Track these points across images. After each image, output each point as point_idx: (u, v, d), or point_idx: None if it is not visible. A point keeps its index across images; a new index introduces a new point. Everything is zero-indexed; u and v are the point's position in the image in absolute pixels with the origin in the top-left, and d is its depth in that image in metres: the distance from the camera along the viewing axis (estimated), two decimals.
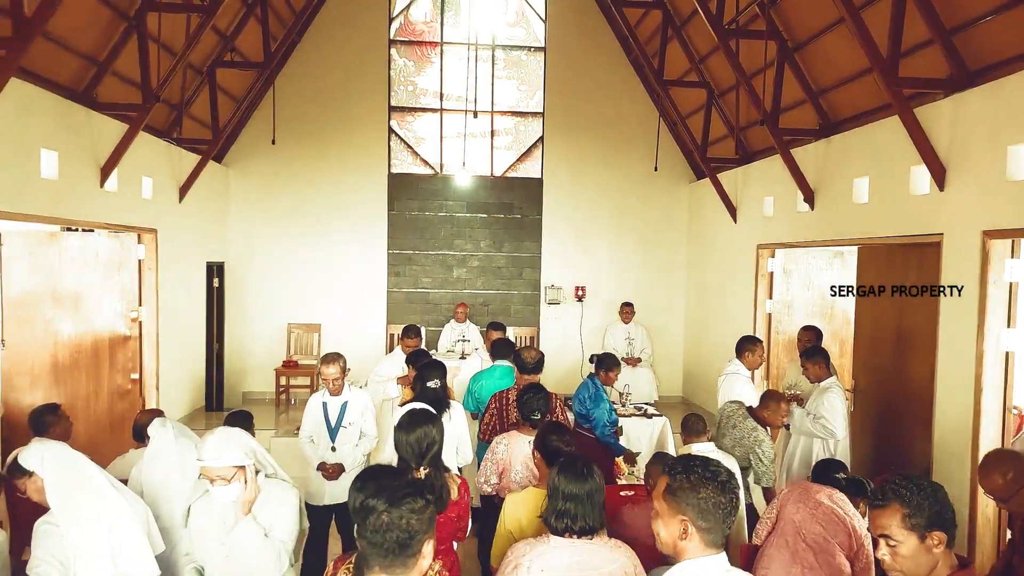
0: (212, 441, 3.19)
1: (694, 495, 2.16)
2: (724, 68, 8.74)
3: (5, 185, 5.58)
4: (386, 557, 2.04)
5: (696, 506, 2.16)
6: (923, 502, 2.25)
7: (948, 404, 5.42)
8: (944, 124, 5.45)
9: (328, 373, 5.31)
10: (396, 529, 2.04)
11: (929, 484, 2.31)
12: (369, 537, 2.05)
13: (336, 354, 5.34)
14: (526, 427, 4.54)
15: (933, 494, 2.28)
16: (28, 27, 5.07)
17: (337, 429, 5.24)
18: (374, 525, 2.04)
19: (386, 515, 2.04)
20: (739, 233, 9.30)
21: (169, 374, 8.41)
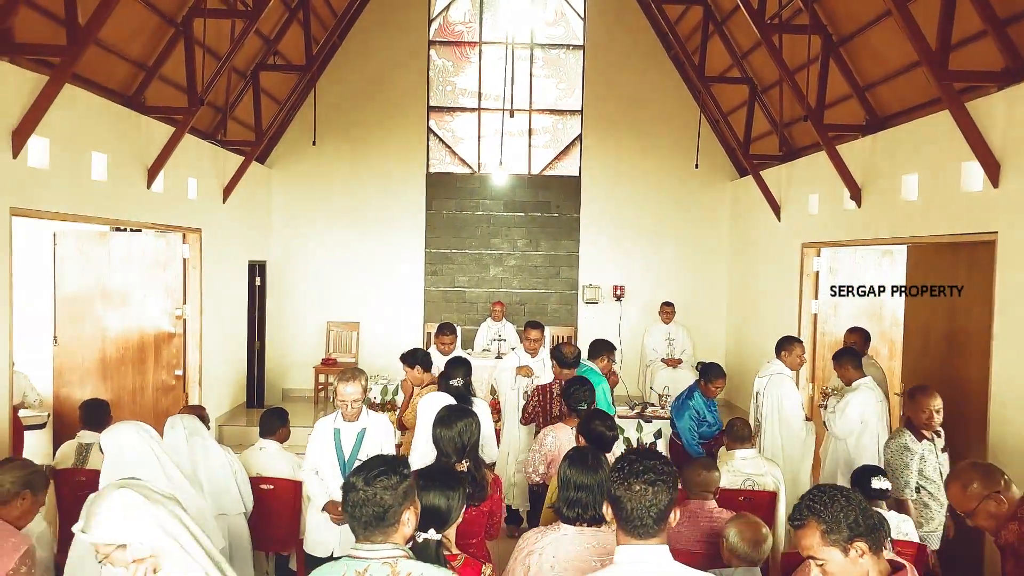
0: (105, 506, 2.34)
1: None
2: (767, 63, 8.60)
3: (59, 187, 5.73)
4: (365, 529, 2.26)
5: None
6: (838, 515, 2.16)
7: (1005, 409, 5.26)
8: (998, 118, 5.28)
9: (346, 394, 4.27)
10: (372, 504, 2.24)
11: (842, 494, 2.22)
12: (351, 511, 2.27)
13: (356, 370, 4.42)
14: (571, 418, 4.74)
15: (847, 504, 2.18)
16: (82, 35, 5.20)
17: (351, 463, 4.20)
18: (352, 501, 2.26)
19: (362, 492, 2.25)
20: (783, 231, 9.15)
21: (211, 371, 8.56)
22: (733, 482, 4.77)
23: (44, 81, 5.22)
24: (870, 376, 5.79)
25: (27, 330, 7.09)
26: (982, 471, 3.06)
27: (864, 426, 5.60)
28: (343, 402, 4.29)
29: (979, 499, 2.97)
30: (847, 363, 5.68)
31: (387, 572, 2.24)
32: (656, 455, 2.47)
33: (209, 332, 8.38)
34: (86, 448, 5.02)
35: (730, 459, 4.91)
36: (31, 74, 5.26)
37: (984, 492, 2.97)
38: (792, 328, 8.50)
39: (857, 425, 5.56)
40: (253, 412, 9.64)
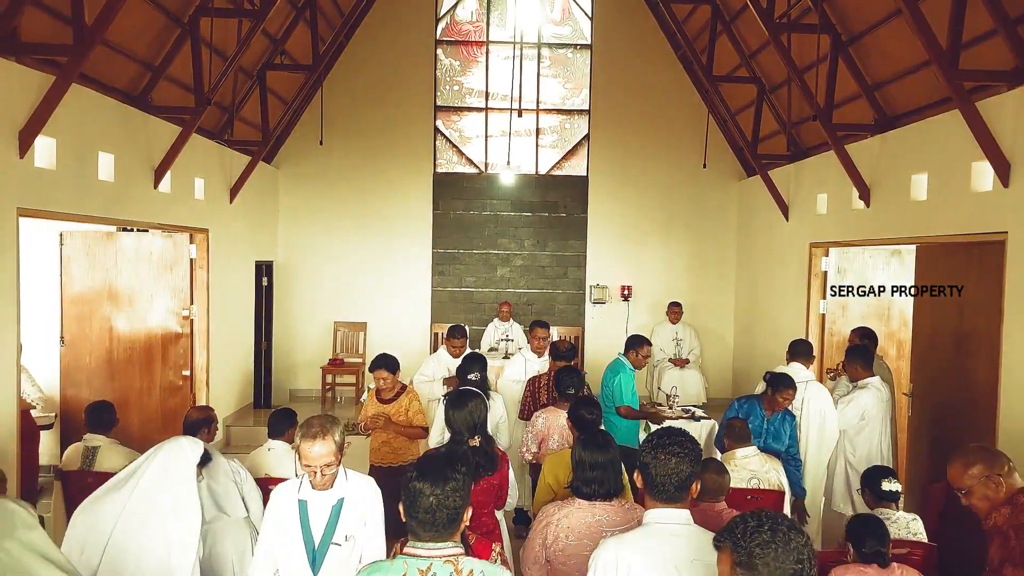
0: None
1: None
2: (775, 63, 8.56)
3: (66, 187, 5.74)
4: (435, 531, 2.34)
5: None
6: (750, 544, 1.98)
7: (1014, 409, 5.22)
8: (1008, 118, 5.23)
9: (314, 457, 3.12)
10: (444, 508, 2.33)
11: (761, 520, 2.03)
12: (419, 516, 2.34)
13: (326, 419, 3.21)
14: (562, 403, 5.22)
15: (779, 548, 1.97)
16: (88, 35, 5.20)
17: (324, 549, 3.18)
18: (423, 507, 2.32)
19: (433, 497, 2.33)
20: (791, 231, 9.11)
21: (219, 371, 8.56)
22: (739, 481, 4.79)
23: (51, 81, 5.21)
24: (879, 376, 5.78)
25: (34, 330, 7.09)
26: (988, 454, 3.11)
27: (864, 424, 5.68)
28: (310, 468, 3.12)
29: (977, 479, 3.02)
30: (857, 362, 5.77)
31: (450, 570, 2.32)
32: (683, 433, 2.80)
33: (216, 332, 8.38)
34: (92, 451, 5.03)
35: (732, 458, 4.93)
36: (37, 74, 5.26)
37: (985, 473, 3.01)
38: (800, 328, 8.47)
39: (856, 421, 5.67)
40: (260, 412, 9.65)
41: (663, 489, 2.65)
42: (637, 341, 6.55)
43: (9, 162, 5.09)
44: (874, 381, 5.71)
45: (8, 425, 5.34)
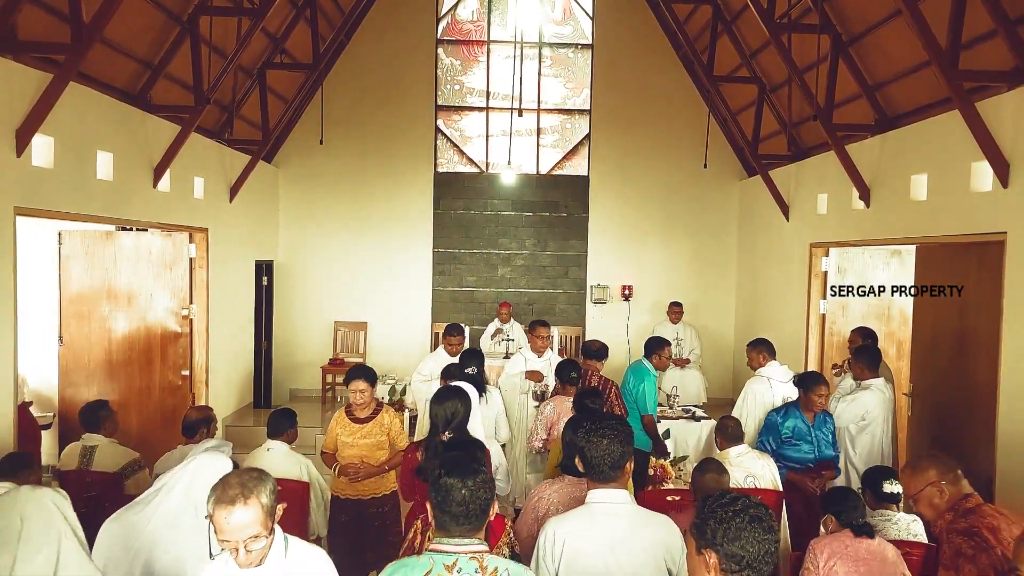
0: None
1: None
2: (776, 63, 8.54)
3: (64, 187, 5.73)
4: (467, 523, 2.41)
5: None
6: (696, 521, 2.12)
7: (1013, 409, 5.20)
8: (1008, 118, 5.22)
9: (230, 527, 2.41)
10: (476, 501, 2.43)
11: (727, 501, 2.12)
12: (450, 510, 2.41)
13: (250, 478, 2.49)
14: (568, 388, 5.65)
15: (700, 509, 2.13)
16: (87, 33, 5.19)
17: None
18: (456, 500, 2.41)
19: (464, 491, 2.42)
20: (792, 231, 9.09)
21: (218, 371, 8.56)
22: (735, 480, 4.81)
23: (48, 79, 5.20)
24: (883, 378, 5.78)
25: (33, 330, 7.10)
26: (939, 462, 3.15)
27: (866, 424, 5.68)
28: (228, 542, 2.43)
29: (925, 484, 3.07)
30: (862, 361, 5.82)
31: (475, 567, 2.36)
32: (615, 417, 3.04)
33: (216, 332, 8.38)
34: (90, 450, 5.03)
35: (727, 458, 4.94)
36: (35, 72, 5.24)
37: (931, 480, 3.07)
38: (800, 328, 8.46)
39: (856, 420, 5.69)
40: (260, 412, 9.65)
41: (599, 470, 2.86)
42: (657, 344, 6.64)
43: (6, 161, 5.08)
44: (878, 382, 5.72)
45: (5, 425, 5.32)
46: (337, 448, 5.01)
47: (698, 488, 4.24)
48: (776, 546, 2.08)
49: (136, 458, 5.09)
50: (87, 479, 4.89)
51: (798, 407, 5.39)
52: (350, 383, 4.93)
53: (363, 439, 4.94)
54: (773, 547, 2.05)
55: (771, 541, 2.05)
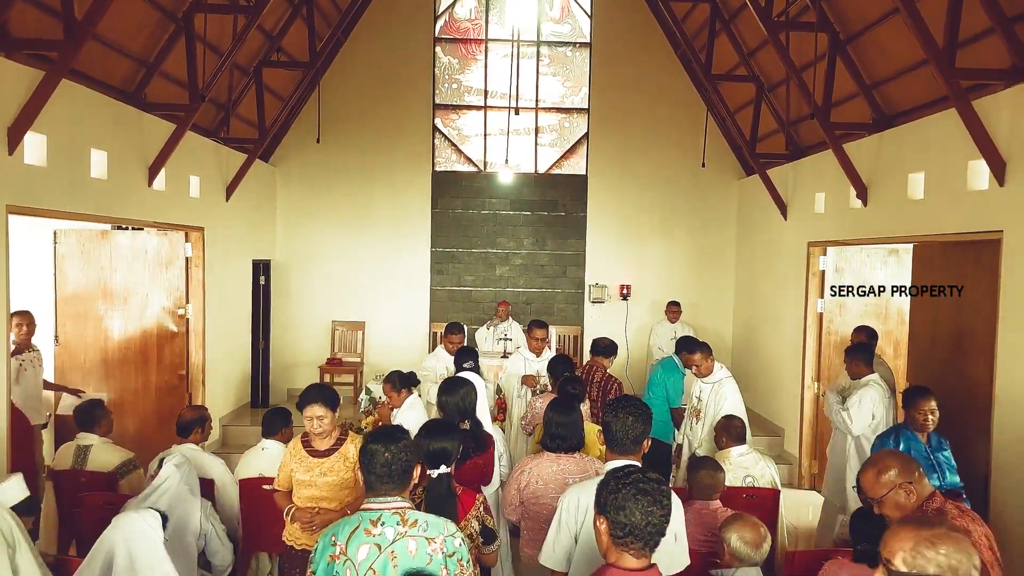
0: None
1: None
2: (774, 62, 8.52)
3: (58, 185, 5.70)
4: (389, 483, 2.70)
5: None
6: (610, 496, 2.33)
7: (1008, 408, 5.18)
8: (1004, 116, 5.20)
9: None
10: (397, 463, 2.71)
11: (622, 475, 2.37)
12: (376, 471, 2.70)
13: None
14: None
15: (601, 482, 2.38)
16: (79, 30, 5.17)
17: None
18: (380, 462, 2.70)
19: (387, 454, 2.71)
20: (790, 230, 9.07)
21: (215, 370, 8.54)
22: (734, 479, 4.80)
23: (40, 76, 5.17)
24: (878, 373, 5.75)
25: None
26: (901, 461, 3.02)
27: (875, 422, 5.60)
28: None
29: (891, 487, 2.92)
30: (859, 358, 5.76)
31: (397, 520, 2.65)
32: (638, 400, 3.47)
33: (212, 331, 8.36)
34: (84, 450, 5.01)
35: (727, 457, 4.93)
36: (27, 69, 5.21)
37: (897, 481, 2.92)
38: (798, 327, 8.44)
39: (870, 419, 5.57)
40: (257, 412, 9.63)
41: (622, 443, 3.26)
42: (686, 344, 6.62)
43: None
44: (874, 377, 5.69)
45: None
46: (291, 487, 4.16)
47: (693, 485, 4.24)
48: (665, 519, 2.29)
49: (131, 458, 5.07)
50: (81, 479, 4.88)
51: (907, 429, 4.81)
52: (304, 408, 4.05)
53: (323, 476, 4.06)
54: (658, 519, 2.26)
55: (656, 513, 2.26)
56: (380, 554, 2.59)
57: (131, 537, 3.33)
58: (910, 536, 2.03)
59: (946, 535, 2.00)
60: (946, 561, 1.96)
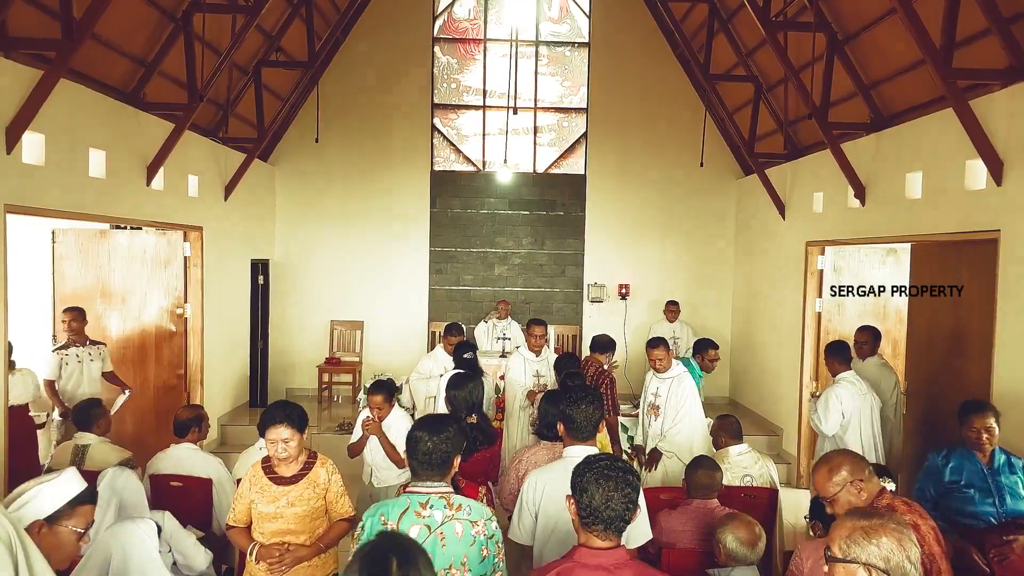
0: None
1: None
2: (772, 62, 8.53)
3: (56, 184, 5.71)
4: (430, 470, 2.89)
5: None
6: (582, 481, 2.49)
7: (1005, 407, 5.18)
8: (1001, 116, 5.21)
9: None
10: (438, 452, 2.89)
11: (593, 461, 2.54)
12: (419, 458, 2.90)
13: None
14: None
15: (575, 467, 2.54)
16: (77, 30, 5.18)
17: None
18: (422, 450, 2.89)
19: (430, 442, 2.89)
20: (788, 230, 9.08)
21: (214, 370, 8.55)
22: (732, 479, 4.80)
23: (39, 76, 5.19)
24: (853, 371, 5.77)
25: (26, 329, 7.08)
26: (852, 459, 3.06)
27: (845, 421, 5.61)
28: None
29: (842, 486, 2.97)
30: (833, 357, 5.81)
31: (444, 504, 2.85)
32: (593, 389, 3.91)
33: (211, 331, 8.37)
34: (82, 449, 5.02)
35: (726, 456, 4.93)
36: (26, 69, 5.23)
37: (849, 479, 2.97)
38: (796, 326, 8.45)
39: (839, 416, 5.59)
40: (256, 411, 9.63)
41: (583, 430, 3.48)
42: (703, 345, 6.69)
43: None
44: (847, 375, 5.68)
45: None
46: (252, 521, 3.66)
47: (691, 485, 4.24)
48: (627, 505, 2.41)
49: (128, 457, 5.08)
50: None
51: (964, 447, 4.37)
52: (266, 430, 3.56)
53: (290, 507, 3.56)
54: (618, 503, 2.39)
55: (615, 499, 2.39)
56: (430, 535, 2.78)
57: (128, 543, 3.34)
58: (848, 526, 2.14)
59: (882, 527, 2.09)
60: (877, 552, 2.06)
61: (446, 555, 2.79)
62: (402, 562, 1.99)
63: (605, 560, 2.37)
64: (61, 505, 2.54)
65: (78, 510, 2.59)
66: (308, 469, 3.66)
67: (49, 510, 2.53)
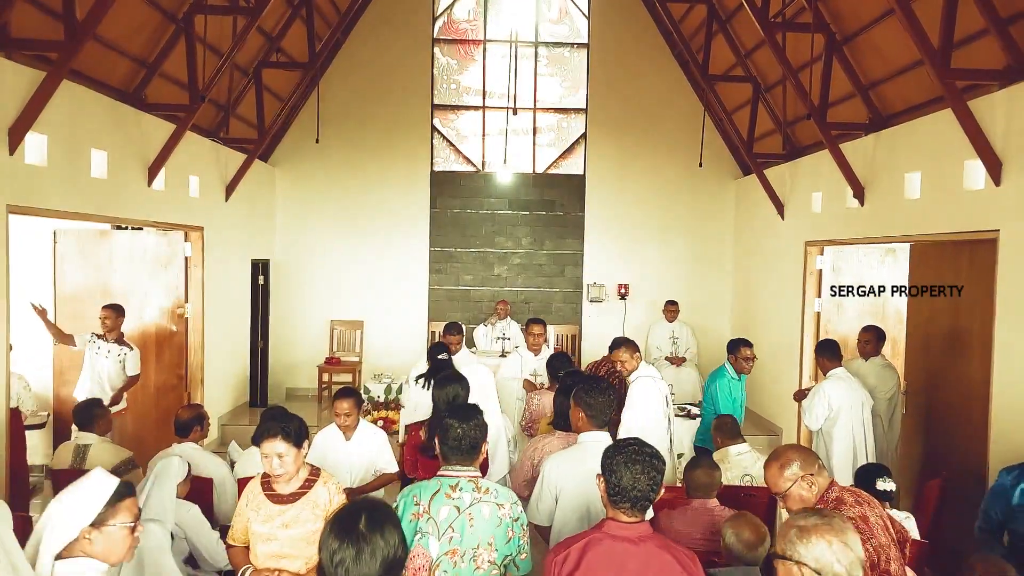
0: None
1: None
2: (770, 62, 8.56)
3: (58, 184, 5.73)
4: (460, 456, 3.06)
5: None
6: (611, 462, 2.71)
7: (1005, 408, 5.21)
8: (999, 116, 5.23)
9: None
10: (468, 439, 3.07)
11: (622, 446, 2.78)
12: (449, 444, 3.06)
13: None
14: (553, 385, 5.75)
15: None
16: (80, 31, 5.19)
17: None
18: (453, 436, 3.05)
19: (460, 429, 3.06)
20: (787, 230, 9.10)
21: (214, 370, 8.56)
22: (732, 478, 4.81)
23: (41, 77, 5.20)
24: (843, 368, 5.80)
25: (27, 329, 7.08)
26: (802, 453, 3.07)
27: (833, 415, 5.65)
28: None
29: (793, 481, 2.98)
30: (823, 355, 5.90)
31: (472, 487, 3.01)
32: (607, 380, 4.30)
33: (211, 331, 8.38)
34: (83, 449, 5.02)
35: (726, 456, 4.94)
36: (28, 70, 5.24)
37: (800, 474, 2.99)
38: (796, 326, 8.47)
39: (826, 411, 5.66)
40: (256, 411, 9.61)
41: (601, 416, 3.75)
42: (733, 345, 6.36)
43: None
44: (837, 371, 5.75)
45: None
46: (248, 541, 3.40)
47: (690, 483, 4.25)
48: (652, 487, 2.68)
49: (129, 457, 5.09)
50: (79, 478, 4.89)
51: None
52: (261, 443, 3.28)
53: (285, 529, 3.28)
54: (644, 485, 2.67)
55: (642, 480, 2.66)
56: (459, 515, 2.94)
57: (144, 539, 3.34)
58: (788, 523, 2.27)
59: (817, 527, 2.19)
60: (807, 552, 2.16)
61: (474, 535, 2.95)
62: (369, 520, 2.09)
63: (631, 533, 2.67)
64: (101, 507, 2.50)
65: (119, 506, 2.55)
66: (308, 487, 3.34)
67: (92, 516, 2.49)
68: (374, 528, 2.09)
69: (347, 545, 2.05)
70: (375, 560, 2.05)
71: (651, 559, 2.63)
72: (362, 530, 2.07)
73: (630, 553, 2.63)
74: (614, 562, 2.62)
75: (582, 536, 2.73)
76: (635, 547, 2.64)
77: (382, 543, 2.07)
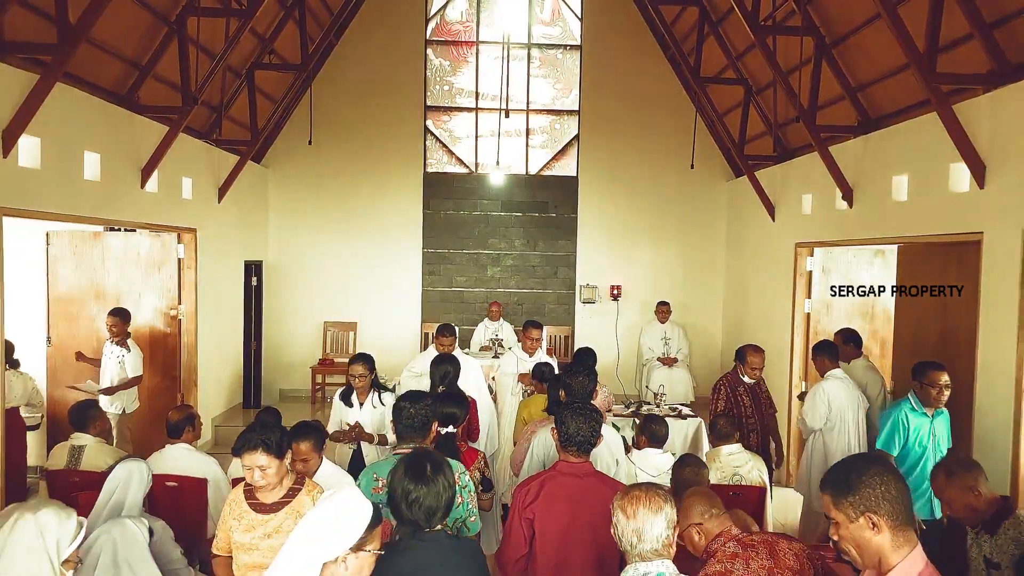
0: None
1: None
2: (761, 65, 8.61)
3: (51, 187, 5.75)
4: (413, 433, 3.62)
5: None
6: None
7: (988, 408, 5.28)
8: (984, 120, 5.29)
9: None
10: (419, 417, 3.63)
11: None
12: (404, 422, 3.62)
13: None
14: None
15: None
16: (73, 34, 5.21)
17: None
18: (406, 415, 3.61)
19: (411, 409, 3.62)
20: (777, 231, 9.16)
21: (208, 371, 8.58)
22: (722, 478, 4.86)
23: (35, 80, 5.22)
24: (841, 369, 5.85)
25: (20, 330, 7.10)
26: (703, 498, 3.00)
27: (836, 416, 5.70)
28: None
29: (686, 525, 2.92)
30: (823, 355, 5.93)
31: None
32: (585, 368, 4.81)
33: (205, 332, 8.39)
34: (78, 450, 5.05)
35: (717, 456, 4.99)
36: (21, 72, 5.25)
37: (692, 520, 2.92)
38: (786, 327, 8.53)
39: (826, 410, 5.70)
40: (250, 413, 9.67)
41: (581, 397, 4.43)
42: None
43: None
44: (836, 372, 5.81)
45: None
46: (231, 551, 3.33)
47: (677, 482, 4.30)
48: (592, 433, 3.45)
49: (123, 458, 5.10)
50: (75, 478, 4.92)
51: None
52: (242, 454, 3.21)
53: (266, 539, 3.20)
54: (586, 432, 3.44)
55: (584, 428, 3.43)
56: None
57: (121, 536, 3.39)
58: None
59: (627, 503, 2.62)
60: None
61: None
62: (433, 467, 2.80)
63: (577, 470, 3.45)
64: (362, 533, 2.39)
65: (375, 532, 2.46)
66: (292, 496, 3.28)
67: (355, 539, 2.36)
68: (436, 473, 2.79)
69: (420, 485, 2.73)
70: (440, 498, 2.74)
71: (591, 488, 3.40)
72: (428, 475, 2.76)
73: (576, 485, 3.41)
74: (564, 491, 3.39)
75: (541, 474, 3.52)
76: (580, 480, 3.42)
77: (444, 483, 2.78)
